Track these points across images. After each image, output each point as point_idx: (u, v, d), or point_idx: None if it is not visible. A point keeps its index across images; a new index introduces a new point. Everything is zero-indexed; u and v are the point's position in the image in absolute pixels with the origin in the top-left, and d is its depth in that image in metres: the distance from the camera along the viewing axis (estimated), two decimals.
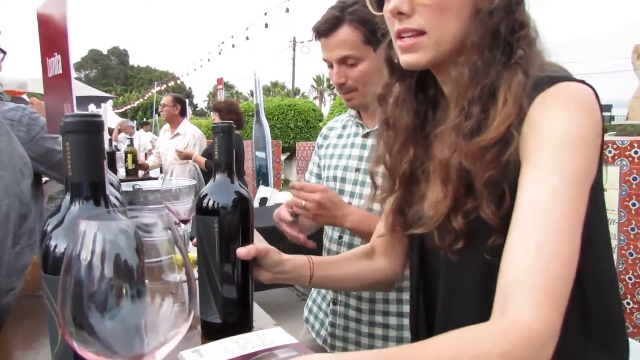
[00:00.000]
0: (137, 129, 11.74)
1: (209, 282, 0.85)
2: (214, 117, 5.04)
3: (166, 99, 4.86)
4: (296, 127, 16.14)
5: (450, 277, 0.79)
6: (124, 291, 0.41)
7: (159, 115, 5.98)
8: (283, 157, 13.14)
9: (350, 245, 1.38)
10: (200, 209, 0.86)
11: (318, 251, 1.39)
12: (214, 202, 0.85)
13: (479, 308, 0.66)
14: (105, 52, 71.66)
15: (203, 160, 4.32)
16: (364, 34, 1.29)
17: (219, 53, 15.13)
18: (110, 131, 8.30)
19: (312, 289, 1.57)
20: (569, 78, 0.68)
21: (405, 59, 0.77)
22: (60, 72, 1.22)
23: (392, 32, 0.77)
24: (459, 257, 0.73)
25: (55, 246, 0.49)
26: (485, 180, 0.67)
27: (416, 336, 0.91)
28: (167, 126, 4.98)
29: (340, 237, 1.43)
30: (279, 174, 8.70)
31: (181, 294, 0.44)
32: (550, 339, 0.57)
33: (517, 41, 0.73)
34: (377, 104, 1.38)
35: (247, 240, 0.87)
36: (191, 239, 1.57)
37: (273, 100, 18.05)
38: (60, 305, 0.39)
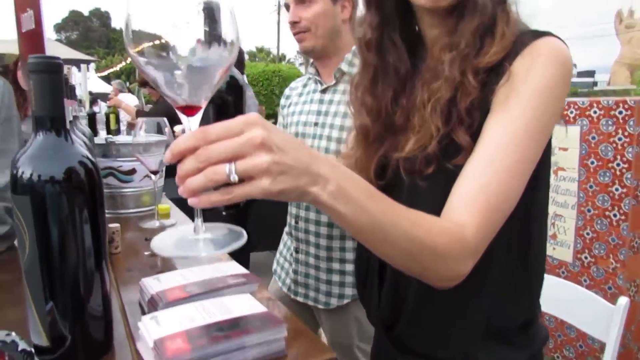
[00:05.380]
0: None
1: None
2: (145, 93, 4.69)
3: None
4: (281, 93, 15.91)
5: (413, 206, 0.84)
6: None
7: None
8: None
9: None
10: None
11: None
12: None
13: None
14: (86, 14, 69.46)
15: (133, 110, 4.20)
16: None
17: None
18: (96, 96, 8.16)
19: (282, 243, 1.66)
20: (551, 33, 0.75)
21: None
22: (33, 27, 1.27)
23: None
24: (426, 183, 0.79)
25: (23, 171, 0.57)
26: (469, 101, 0.74)
27: (364, 272, 0.97)
28: None
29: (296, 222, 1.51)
30: None
31: None
32: (474, 254, 0.67)
33: None
34: (329, 50, 1.43)
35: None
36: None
37: (257, 66, 17.80)
38: None
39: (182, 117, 0.57)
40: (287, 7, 1.45)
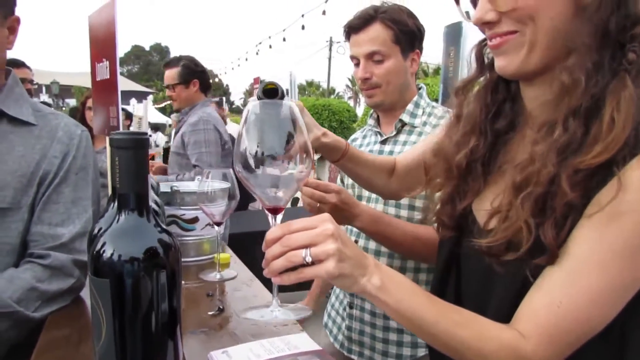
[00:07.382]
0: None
1: None
2: None
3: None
4: (330, 127, 16.15)
5: (487, 286, 0.75)
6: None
7: None
8: (316, 157, 13.24)
9: (365, 250, 1.41)
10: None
11: None
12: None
13: (508, 320, 0.68)
14: (147, 49, 73.44)
15: None
16: (395, 33, 1.36)
17: (257, 53, 15.43)
18: (154, 126, 8.47)
19: (333, 296, 1.60)
20: None
21: (497, 64, 0.71)
22: (108, 77, 1.30)
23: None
24: (504, 269, 0.69)
25: (103, 252, 0.55)
26: (565, 202, 0.62)
27: None
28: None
29: (355, 242, 1.46)
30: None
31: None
32: None
33: (629, 41, 0.63)
34: (397, 103, 1.43)
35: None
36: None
37: (308, 100, 18.14)
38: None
39: (267, 213, 0.74)
40: (355, 60, 1.42)
